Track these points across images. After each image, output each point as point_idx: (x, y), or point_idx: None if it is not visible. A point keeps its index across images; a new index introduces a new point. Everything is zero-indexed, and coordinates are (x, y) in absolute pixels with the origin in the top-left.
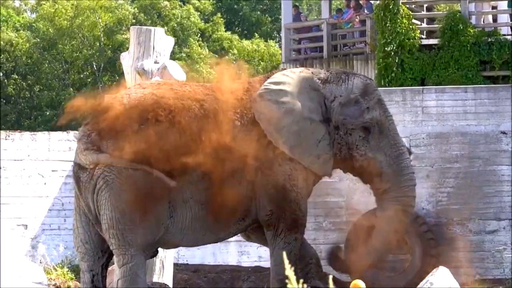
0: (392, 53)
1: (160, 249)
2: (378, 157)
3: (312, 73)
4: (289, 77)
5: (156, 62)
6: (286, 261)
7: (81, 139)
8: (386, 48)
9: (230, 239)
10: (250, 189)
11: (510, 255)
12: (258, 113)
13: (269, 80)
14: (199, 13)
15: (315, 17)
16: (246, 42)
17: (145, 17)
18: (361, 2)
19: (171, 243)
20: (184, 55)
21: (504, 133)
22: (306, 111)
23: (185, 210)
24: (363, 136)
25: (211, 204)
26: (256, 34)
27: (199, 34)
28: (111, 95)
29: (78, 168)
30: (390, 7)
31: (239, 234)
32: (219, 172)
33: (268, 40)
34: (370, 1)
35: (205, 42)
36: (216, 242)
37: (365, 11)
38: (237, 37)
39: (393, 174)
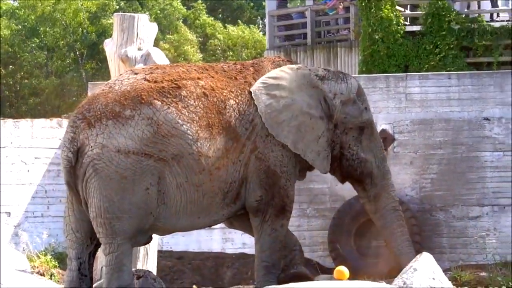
0: (377, 40)
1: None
2: (369, 158)
3: (309, 69)
4: (287, 73)
5: (139, 49)
6: (272, 247)
7: (69, 127)
8: (371, 35)
9: (214, 226)
10: (243, 171)
11: (493, 241)
12: (259, 107)
13: (266, 75)
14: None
15: (298, 4)
16: (231, 28)
17: (127, 4)
18: None
19: (166, 229)
20: (173, 38)
21: (487, 119)
22: (305, 106)
23: (179, 194)
24: (356, 136)
25: (205, 186)
26: (240, 21)
27: (182, 20)
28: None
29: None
30: None
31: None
32: (214, 152)
33: (251, 27)
34: None
35: (188, 28)
36: (210, 226)
37: None
38: (220, 24)
39: (381, 176)
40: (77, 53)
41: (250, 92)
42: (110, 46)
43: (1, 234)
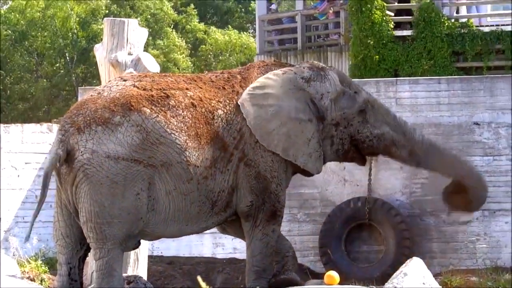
0: (367, 45)
1: None
2: (383, 129)
3: (294, 73)
4: (272, 80)
5: (130, 54)
6: (263, 252)
7: (58, 132)
8: (361, 40)
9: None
10: (232, 180)
11: (483, 246)
12: (248, 119)
13: (252, 85)
14: (172, 3)
15: (287, 8)
16: (218, 34)
17: (118, 9)
18: None
19: (154, 234)
20: (162, 44)
21: (477, 124)
22: (293, 112)
23: (167, 201)
24: (361, 120)
25: (193, 195)
26: (230, 26)
27: (172, 26)
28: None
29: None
30: None
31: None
32: (202, 162)
33: (241, 32)
34: None
35: (179, 33)
36: (199, 233)
37: (341, 1)
38: (214, 28)
39: (401, 135)
40: (67, 58)
41: (237, 102)
42: (100, 51)
43: None
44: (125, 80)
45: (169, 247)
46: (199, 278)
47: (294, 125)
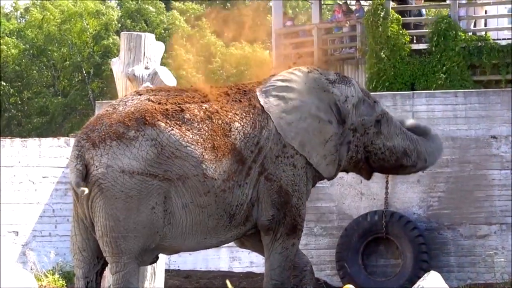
0: (383, 58)
1: None
2: (395, 142)
3: (320, 73)
4: (297, 76)
5: (146, 68)
6: (282, 266)
7: (74, 147)
8: (377, 53)
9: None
10: (252, 194)
11: (501, 260)
12: (265, 106)
13: (275, 77)
14: (184, 18)
15: (303, 21)
16: (232, 48)
17: (132, 24)
18: (355, 7)
19: (172, 248)
20: (170, 61)
21: (494, 137)
22: (314, 109)
23: (184, 214)
24: (375, 131)
25: (210, 208)
26: (244, 41)
27: (185, 39)
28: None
29: None
30: (380, 12)
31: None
32: (219, 174)
33: (254, 45)
34: (362, 6)
35: (193, 48)
36: (217, 246)
37: (357, 14)
38: (222, 43)
39: (412, 145)
40: (84, 72)
41: (255, 115)
42: (117, 65)
43: (1, 253)
44: (140, 95)
45: (186, 261)
46: (228, 282)
47: (313, 122)
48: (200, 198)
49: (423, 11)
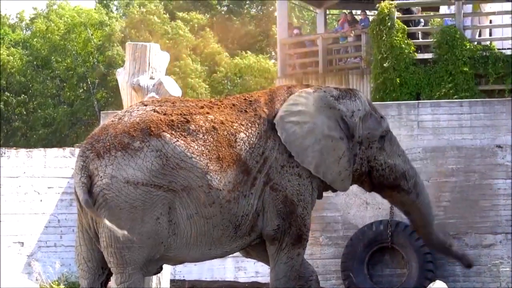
0: (388, 68)
1: None
2: (396, 161)
3: (324, 91)
4: (304, 98)
5: (151, 78)
6: (287, 276)
7: (79, 158)
8: (382, 63)
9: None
10: (257, 204)
11: (507, 269)
12: (283, 136)
13: (286, 103)
14: (189, 28)
15: (308, 30)
16: (237, 59)
17: (136, 34)
18: (360, 16)
19: (177, 259)
20: (178, 70)
21: (499, 147)
22: (326, 129)
23: (189, 225)
24: (379, 147)
25: (215, 219)
26: (248, 51)
27: (190, 49)
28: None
29: None
30: (385, 22)
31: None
32: (224, 185)
33: (259, 55)
34: (367, 16)
35: (197, 57)
36: (222, 257)
37: (362, 24)
38: (226, 53)
39: (413, 172)
40: (89, 83)
41: (260, 125)
42: (122, 75)
43: (1, 264)
44: (145, 105)
45: (191, 271)
46: None
47: (327, 142)
48: (205, 209)
49: (422, 20)
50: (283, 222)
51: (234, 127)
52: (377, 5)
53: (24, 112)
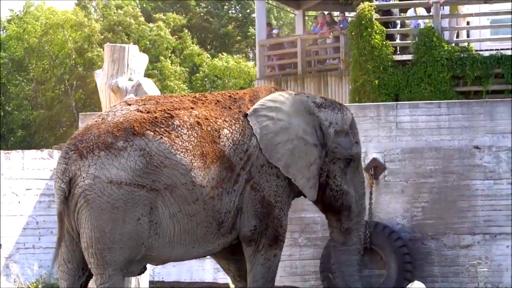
0: (367, 70)
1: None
2: (351, 192)
3: (307, 96)
4: (284, 98)
5: (130, 80)
6: (265, 277)
7: (61, 159)
8: (361, 64)
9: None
10: (238, 201)
11: (485, 270)
12: (255, 128)
13: (265, 98)
14: (169, 29)
15: (286, 33)
16: (216, 60)
17: (113, 36)
18: (339, 18)
19: (160, 258)
20: (157, 72)
21: (477, 148)
22: (301, 132)
23: (172, 224)
24: (342, 168)
25: (199, 216)
26: (226, 53)
27: (171, 51)
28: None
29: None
30: (365, 23)
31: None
32: (208, 182)
33: (236, 56)
34: (346, 17)
35: (177, 58)
36: (205, 256)
37: (341, 25)
38: (207, 54)
39: (357, 214)
40: (67, 84)
41: (244, 122)
42: (100, 77)
43: None
44: (129, 105)
45: (170, 272)
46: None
47: (299, 144)
48: (189, 206)
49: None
50: (260, 223)
51: (218, 123)
52: (357, 7)
53: (2, 114)
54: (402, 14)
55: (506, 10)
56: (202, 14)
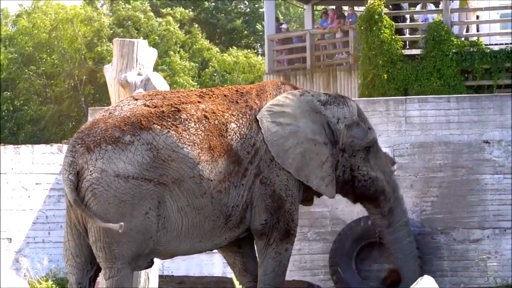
0: (376, 64)
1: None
2: (379, 176)
3: (312, 95)
4: (290, 100)
5: (139, 74)
6: (276, 271)
7: (68, 152)
8: (370, 59)
9: (215, 250)
10: (247, 195)
11: (494, 264)
12: (265, 135)
13: (271, 102)
14: (178, 24)
15: (295, 27)
16: (225, 55)
17: (123, 31)
18: (348, 12)
19: (167, 252)
20: (165, 67)
21: (487, 142)
22: (309, 133)
23: (180, 218)
24: (363, 157)
25: (207, 210)
26: (235, 47)
27: (180, 46)
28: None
29: None
30: (374, 17)
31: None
32: (216, 175)
33: (245, 51)
34: (355, 12)
35: (186, 53)
36: (212, 249)
37: (350, 20)
38: (217, 49)
39: (392, 192)
40: (76, 79)
41: (251, 116)
42: (110, 72)
43: (1, 260)
44: (136, 99)
45: (179, 266)
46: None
47: (309, 146)
48: (196, 200)
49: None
50: (271, 217)
51: (225, 117)
52: (366, 1)
53: (11, 109)
54: (412, 8)
55: None
56: (210, 9)
